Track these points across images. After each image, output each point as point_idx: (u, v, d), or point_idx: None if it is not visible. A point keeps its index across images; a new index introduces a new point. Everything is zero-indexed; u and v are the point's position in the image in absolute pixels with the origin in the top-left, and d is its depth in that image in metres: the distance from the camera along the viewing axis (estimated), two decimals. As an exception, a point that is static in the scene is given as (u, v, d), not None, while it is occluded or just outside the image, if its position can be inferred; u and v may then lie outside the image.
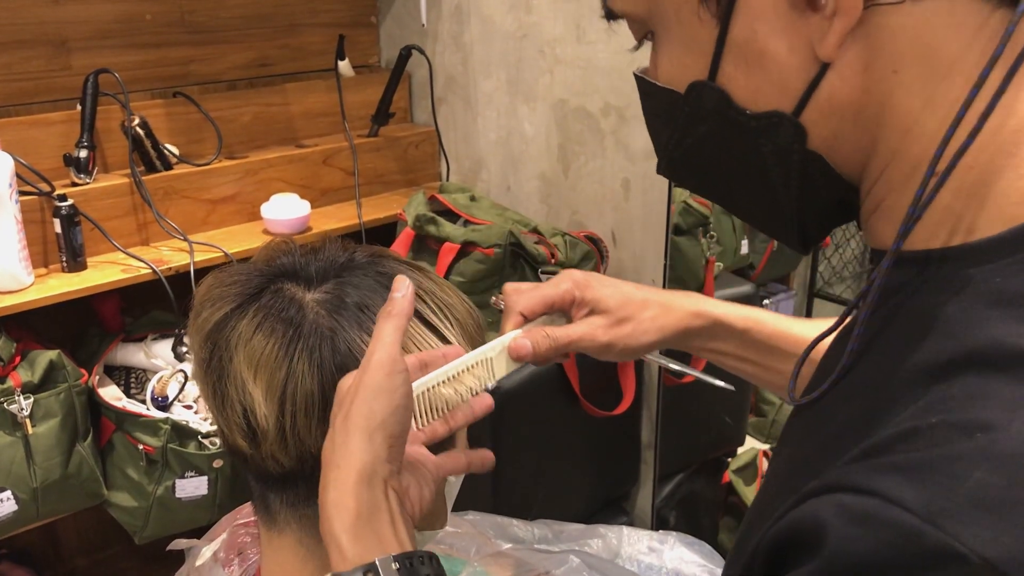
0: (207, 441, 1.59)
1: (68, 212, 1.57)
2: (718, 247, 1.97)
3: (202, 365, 0.71)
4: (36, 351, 1.54)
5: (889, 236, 0.50)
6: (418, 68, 2.13)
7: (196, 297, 0.74)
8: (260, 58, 2.02)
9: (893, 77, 0.48)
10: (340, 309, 0.69)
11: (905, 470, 0.40)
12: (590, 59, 1.74)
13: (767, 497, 0.52)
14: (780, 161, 0.52)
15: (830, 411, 0.51)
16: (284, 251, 0.75)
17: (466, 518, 1.09)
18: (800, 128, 0.50)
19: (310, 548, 0.73)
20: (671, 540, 1.21)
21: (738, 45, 0.50)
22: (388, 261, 0.75)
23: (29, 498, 1.52)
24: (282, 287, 0.71)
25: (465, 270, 1.67)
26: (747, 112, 0.51)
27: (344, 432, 0.59)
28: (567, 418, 1.73)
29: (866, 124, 0.49)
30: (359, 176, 2.01)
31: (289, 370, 0.67)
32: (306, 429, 0.67)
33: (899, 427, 0.42)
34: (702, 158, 0.56)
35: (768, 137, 0.51)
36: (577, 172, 1.84)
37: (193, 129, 1.87)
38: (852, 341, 0.50)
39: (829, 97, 0.49)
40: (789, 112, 0.50)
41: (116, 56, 1.80)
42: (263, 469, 0.70)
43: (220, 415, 0.70)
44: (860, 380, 0.49)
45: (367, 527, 0.57)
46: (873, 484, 0.40)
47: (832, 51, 0.48)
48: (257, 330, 0.68)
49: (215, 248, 1.72)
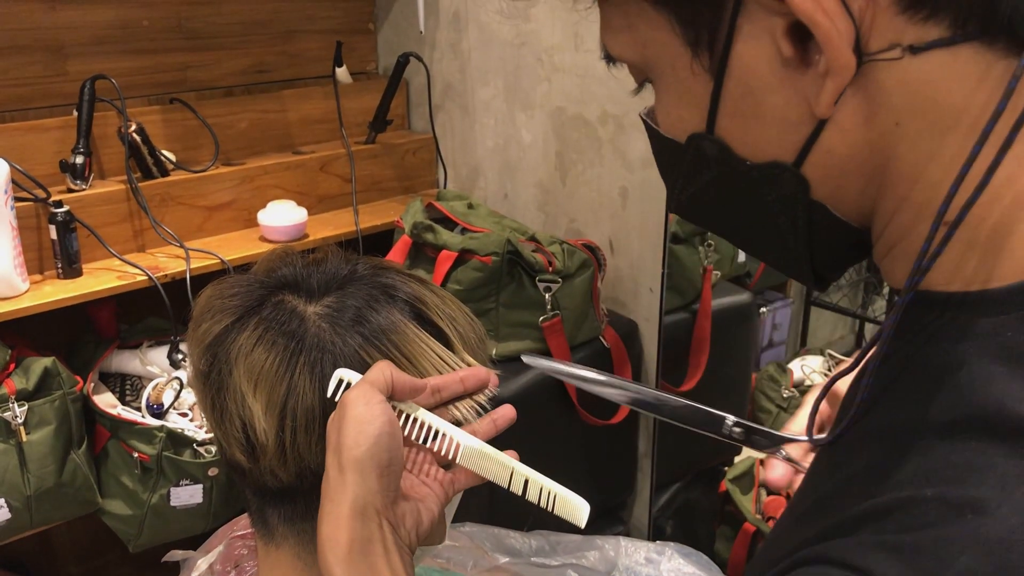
0: (202, 449, 1.58)
1: (64, 218, 1.56)
2: (716, 255, 1.96)
3: (201, 378, 0.71)
4: (31, 358, 1.53)
5: (903, 278, 0.49)
6: (416, 75, 2.13)
7: (195, 308, 0.73)
8: (257, 64, 2.02)
9: (896, 130, 0.46)
10: (342, 322, 0.69)
11: (896, 551, 0.40)
12: (588, 67, 1.74)
13: (780, 532, 0.52)
14: (785, 209, 0.51)
15: (846, 453, 0.50)
16: (285, 262, 0.75)
17: (463, 530, 1.09)
18: (802, 179, 0.49)
19: (308, 563, 0.72)
20: (668, 551, 1.21)
21: (733, 99, 0.49)
22: (391, 273, 0.74)
23: (23, 506, 1.51)
24: (283, 299, 0.70)
25: (462, 278, 1.66)
26: (747, 163, 0.50)
27: (336, 467, 0.60)
28: (564, 427, 1.72)
29: (871, 174, 0.48)
30: (356, 183, 2.00)
31: (290, 385, 0.66)
32: (306, 445, 0.67)
33: (899, 493, 0.42)
34: (709, 203, 0.56)
35: (771, 187, 0.50)
36: (575, 180, 1.83)
37: (190, 136, 1.87)
38: (863, 391, 0.49)
39: (829, 151, 0.48)
40: (790, 163, 0.49)
41: (113, 62, 1.79)
42: (261, 484, 0.70)
43: (219, 428, 0.69)
44: (875, 426, 0.48)
45: (361, 559, 0.57)
46: (864, 562, 0.40)
47: (827, 109, 0.46)
48: (258, 343, 0.68)
49: (211, 255, 1.71)
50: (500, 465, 0.69)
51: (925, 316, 0.47)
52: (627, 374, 1.76)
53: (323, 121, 2.07)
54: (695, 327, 1.89)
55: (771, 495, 2.11)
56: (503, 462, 0.69)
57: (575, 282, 1.65)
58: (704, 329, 1.88)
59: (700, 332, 1.89)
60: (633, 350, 1.78)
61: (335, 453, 0.60)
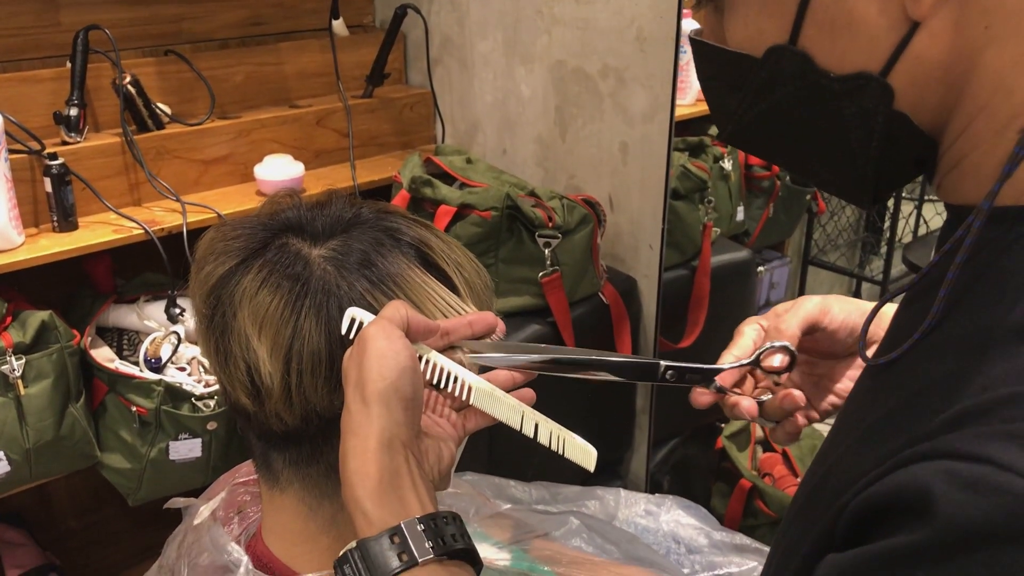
0: (201, 403, 1.58)
1: (59, 171, 1.54)
2: (715, 213, 1.96)
3: (204, 321, 0.70)
4: (27, 311, 1.52)
5: (971, 192, 0.49)
6: (413, 28, 2.10)
7: (198, 251, 0.72)
8: (253, 16, 1.99)
9: (984, 34, 0.46)
10: (347, 265, 0.68)
11: (1016, 437, 0.40)
12: (589, 20, 1.71)
13: (841, 458, 0.51)
14: (862, 123, 0.51)
15: (912, 369, 0.50)
16: (289, 205, 0.74)
17: (465, 479, 1.09)
18: (888, 89, 0.49)
19: (312, 507, 0.72)
20: (668, 503, 1.21)
21: (824, 7, 0.49)
22: (395, 217, 0.74)
23: (22, 459, 1.51)
24: (287, 242, 0.70)
25: (461, 233, 1.65)
26: (831, 75, 0.50)
27: (359, 401, 0.59)
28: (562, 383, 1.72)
29: (953, 81, 0.48)
30: (353, 138, 1.99)
31: (295, 327, 0.66)
32: (312, 388, 0.66)
33: (997, 391, 0.42)
34: (774, 123, 0.55)
35: (853, 99, 0.50)
36: (575, 135, 1.82)
37: (185, 88, 1.85)
38: (938, 303, 0.49)
39: (918, 56, 0.48)
40: (876, 73, 0.49)
41: (106, 13, 1.76)
42: (266, 427, 0.69)
43: (223, 372, 0.69)
44: (947, 338, 0.48)
45: (390, 492, 0.57)
46: (984, 451, 0.40)
47: (926, 10, 0.47)
48: (262, 286, 0.67)
49: (208, 209, 1.70)
50: (511, 408, 0.69)
51: (995, 230, 0.47)
52: (626, 330, 1.76)
53: (319, 74, 2.04)
54: (694, 284, 1.88)
55: (767, 452, 2.12)
56: (513, 405, 0.69)
57: (575, 238, 1.64)
58: (703, 286, 1.88)
59: (699, 289, 1.88)
60: (632, 307, 1.78)
61: (357, 388, 0.59)
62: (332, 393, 0.66)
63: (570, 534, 0.96)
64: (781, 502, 1.91)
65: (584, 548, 1.02)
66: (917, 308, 0.51)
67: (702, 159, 1.98)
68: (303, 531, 0.73)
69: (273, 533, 0.75)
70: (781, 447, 1.98)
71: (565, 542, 1.01)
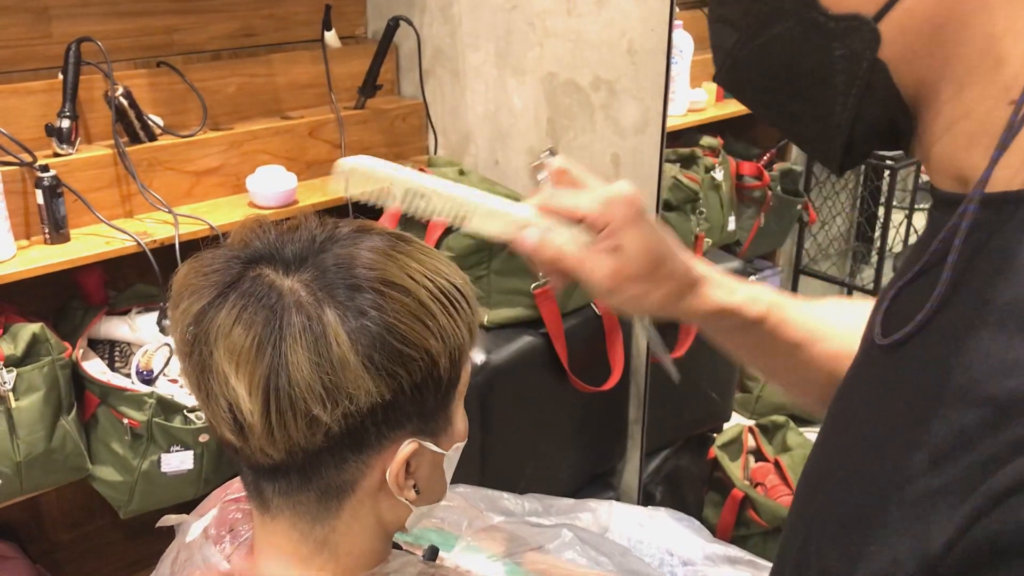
0: (193, 415, 1.58)
1: (50, 183, 1.54)
2: (707, 223, 1.96)
3: (184, 359, 0.69)
4: (18, 324, 1.51)
5: (962, 160, 0.50)
6: (405, 40, 2.11)
7: (174, 287, 0.70)
8: (245, 28, 1.99)
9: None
10: (321, 291, 0.66)
11: None
12: (580, 32, 1.72)
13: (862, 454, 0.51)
14: (848, 67, 0.53)
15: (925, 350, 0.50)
16: (258, 234, 0.72)
17: (457, 491, 1.09)
18: (876, 34, 0.51)
19: (304, 532, 0.72)
20: (660, 515, 1.21)
21: None
22: (372, 234, 0.72)
23: (12, 472, 1.50)
24: (260, 273, 0.68)
25: (455, 245, 1.65)
26: (828, 12, 0.52)
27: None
28: (555, 393, 1.73)
29: (942, 42, 0.50)
30: (346, 149, 1.99)
31: (272, 363, 0.64)
32: (293, 424, 0.65)
33: None
34: (766, 61, 0.57)
35: (843, 40, 0.52)
36: (566, 147, 1.82)
37: (177, 100, 1.85)
38: (942, 285, 0.49)
39: (910, 9, 0.50)
40: (870, 16, 0.51)
41: (98, 24, 1.76)
42: (253, 460, 0.69)
43: (207, 408, 0.68)
44: (961, 316, 0.49)
45: None
46: None
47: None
48: (236, 322, 0.65)
49: (200, 220, 1.70)
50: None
51: (984, 214, 0.48)
52: (619, 341, 1.77)
53: (312, 86, 2.04)
54: (686, 294, 1.89)
55: (760, 462, 2.13)
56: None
57: (567, 249, 1.64)
58: (695, 296, 1.88)
59: (691, 299, 1.89)
60: (624, 317, 1.78)
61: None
62: (311, 428, 0.65)
63: (563, 547, 0.96)
64: (773, 512, 1.92)
65: (577, 561, 1.02)
66: (925, 289, 0.51)
67: (693, 170, 1.99)
68: (295, 554, 0.73)
69: (264, 555, 0.75)
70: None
71: (558, 555, 1.01)
